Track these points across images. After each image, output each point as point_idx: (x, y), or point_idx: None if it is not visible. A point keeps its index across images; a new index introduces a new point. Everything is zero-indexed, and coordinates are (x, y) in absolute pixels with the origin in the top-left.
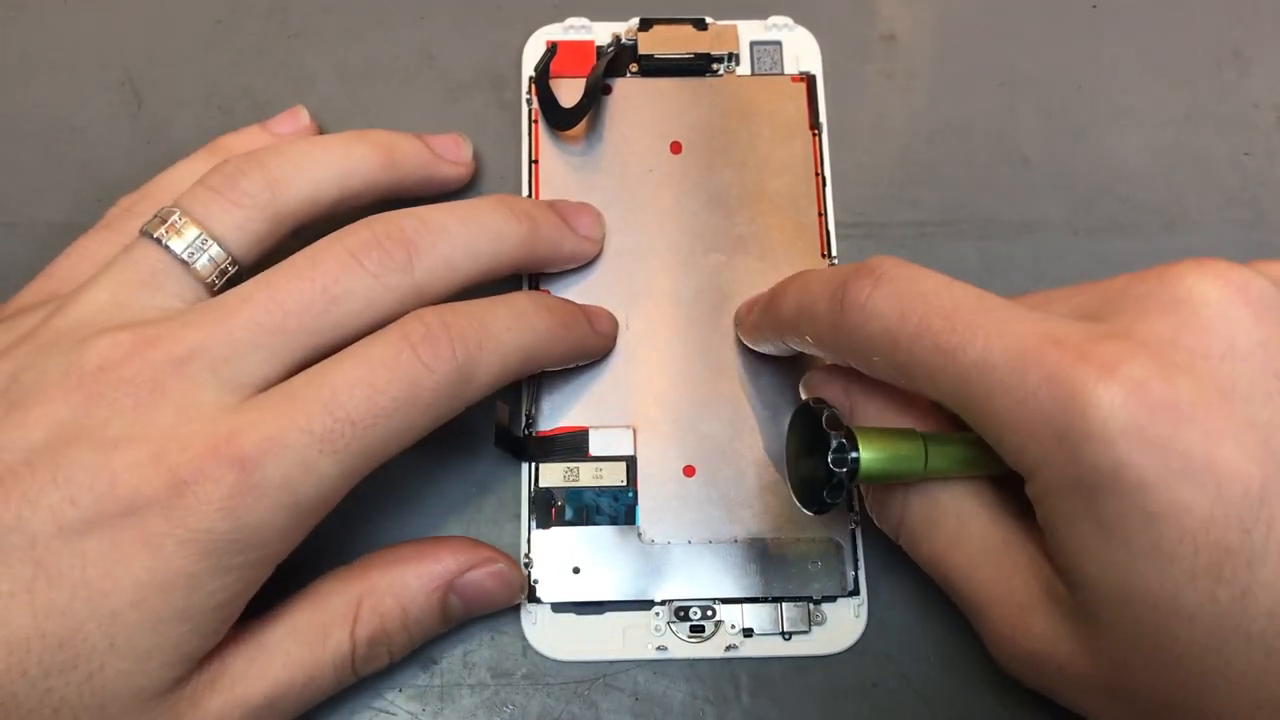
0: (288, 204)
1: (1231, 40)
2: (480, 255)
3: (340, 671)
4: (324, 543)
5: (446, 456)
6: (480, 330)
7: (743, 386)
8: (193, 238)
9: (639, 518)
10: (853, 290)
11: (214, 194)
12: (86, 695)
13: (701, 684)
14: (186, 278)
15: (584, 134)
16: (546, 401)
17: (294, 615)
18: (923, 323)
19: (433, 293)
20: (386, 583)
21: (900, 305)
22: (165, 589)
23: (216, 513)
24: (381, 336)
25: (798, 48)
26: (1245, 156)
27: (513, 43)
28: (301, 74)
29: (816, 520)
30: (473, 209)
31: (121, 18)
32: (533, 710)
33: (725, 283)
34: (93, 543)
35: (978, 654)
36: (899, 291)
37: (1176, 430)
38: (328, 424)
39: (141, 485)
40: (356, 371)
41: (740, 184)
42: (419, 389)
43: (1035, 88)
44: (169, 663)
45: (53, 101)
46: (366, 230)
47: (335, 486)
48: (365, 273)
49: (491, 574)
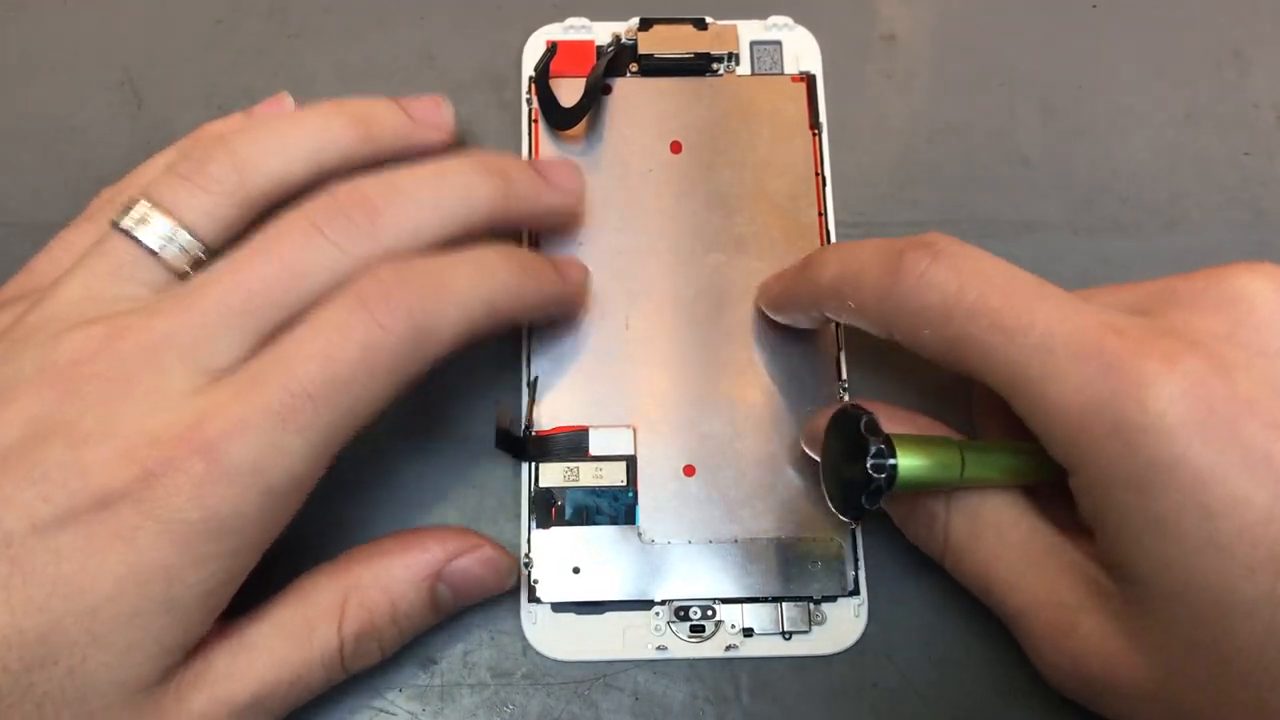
0: (257, 186)
1: (1231, 40)
2: (449, 214)
3: (329, 669)
4: (320, 542)
5: (446, 457)
6: (438, 282)
7: (756, 374)
8: (161, 227)
9: (639, 517)
10: (910, 260)
11: (181, 181)
12: (69, 689)
13: (701, 684)
14: (157, 267)
15: (584, 134)
16: (546, 401)
17: (279, 612)
18: (981, 300)
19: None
20: (372, 576)
21: (959, 280)
22: (142, 581)
23: (187, 501)
24: (336, 298)
25: (798, 48)
26: (1245, 156)
27: (513, 43)
28: (301, 74)
29: (817, 520)
30: (442, 168)
31: (121, 18)
32: (533, 710)
33: (725, 283)
34: (67, 538)
35: (978, 654)
36: (958, 266)
37: (1235, 425)
38: (287, 401)
39: (112, 479)
40: (313, 342)
41: (740, 184)
42: (376, 352)
43: (1035, 88)
44: (151, 655)
45: (53, 101)
46: (329, 197)
47: (307, 466)
48: (328, 243)
49: (480, 560)
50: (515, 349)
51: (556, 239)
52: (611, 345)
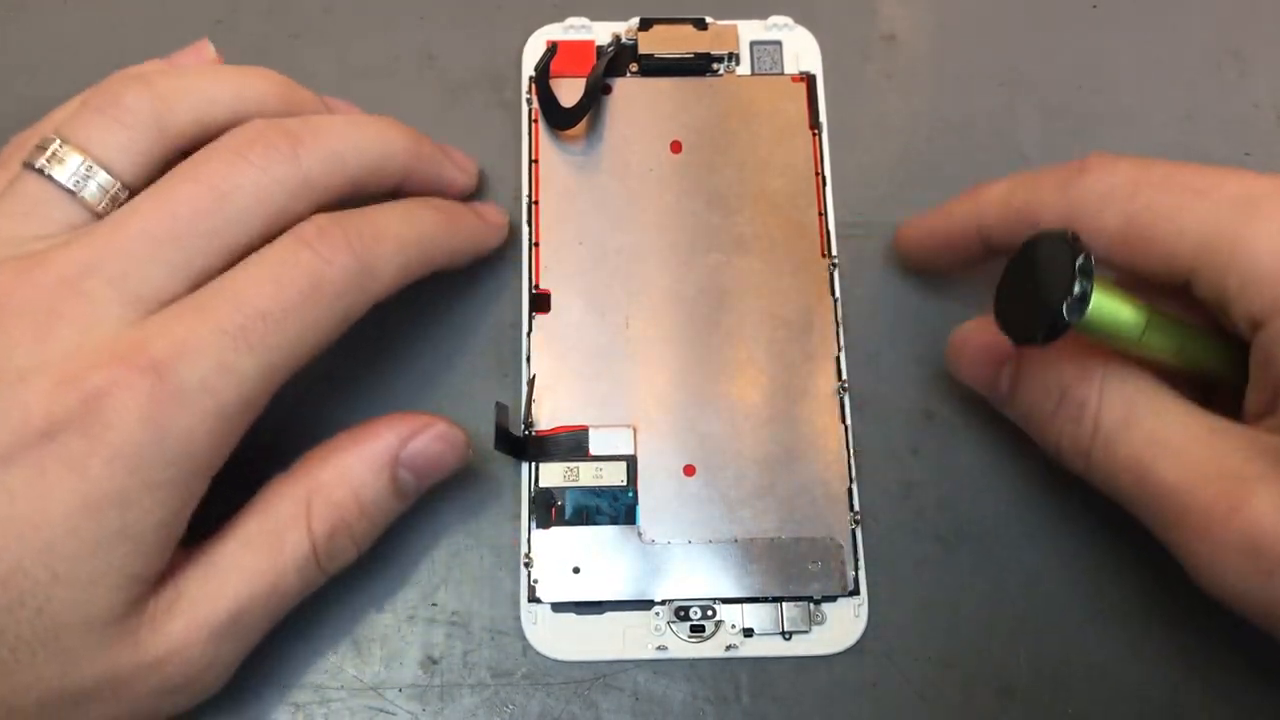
0: (175, 122)
1: (1231, 40)
2: (366, 153)
3: (305, 572)
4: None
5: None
6: (372, 226)
7: (756, 374)
8: (76, 165)
9: (639, 517)
10: (1092, 163)
11: (96, 113)
12: (40, 629)
13: (701, 684)
14: (73, 206)
15: (584, 134)
16: (547, 401)
17: (244, 527)
18: (1170, 170)
19: (321, 185)
20: (332, 474)
21: (1142, 163)
22: (96, 511)
23: (136, 423)
24: (277, 242)
25: (798, 48)
26: (1245, 156)
27: (513, 43)
28: (301, 74)
29: (817, 520)
30: (359, 117)
31: (121, 18)
32: (533, 710)
33: (725, 283)
34: (16, 475)
35: (977, 654)
36: (1139, 163)
37: None
38: (239, 321)
39: (54, 408)
40: (259, 271)
41: (740, 184)
42: (321, 280)
43: (1035, 88)
44: (116, 586)
45: (53, 101)
46: (250, 128)
47: (256, 388)
48: (251, 167)
49: (434, 437)
50: (515, 349)
51: (557, 239)
52: (611, 345)
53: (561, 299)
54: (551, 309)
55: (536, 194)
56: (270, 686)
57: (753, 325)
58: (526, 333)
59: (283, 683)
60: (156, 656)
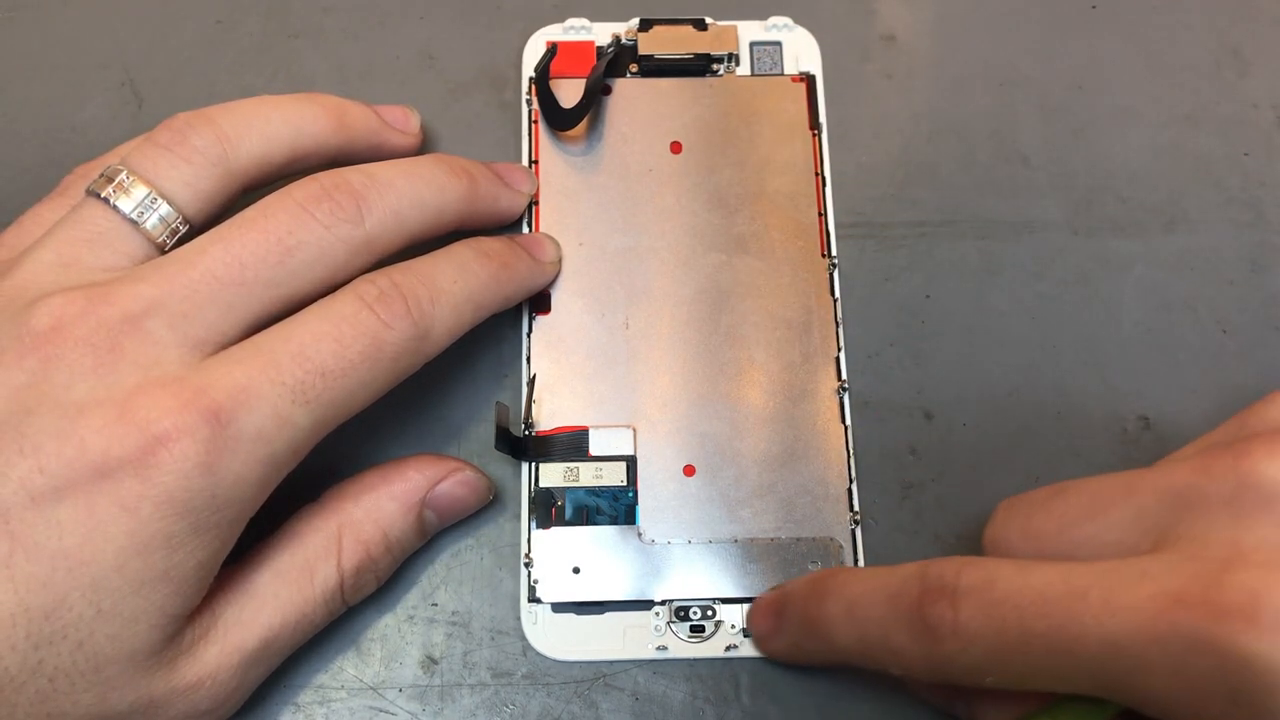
0: (239, 161)
1: (1231, 40)
2: (426, 207)
3: (331, 604)
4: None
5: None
6: (429, 287)
7: (756, 374)
8: (141, 196)
9: (639, 517)
10: (934, 617)
11: (163, 150)
12: (80, 662)
13: (701, 684)
14: (136, 237)
15: (584, 134)
16: (546, 401)
17: (277, 558)
18: (1025, 631)
19: (382, 243)
20: (363, 511)
21: (992, 621)
22: (145, 552)
23: (194, 469)
24: (338, 297)
25: (798, 48)
26: (1245, 156)
27: (513, 43)
28: (301, 74)
29: (817, 520)
30: (414, 164)
31: (121, 18)
32: (533, 710)
33: (725, 283)
34: (67, 511)
35: None
36: (983, 605)
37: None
38: (299, 375)
39: (111, 446)
40: (321, 326)
41: (740, 184)
42: (381, 343)
43: (1035, 88)
44: (156, 625)
45: (53, 101)
46: (315, 184)
47: (306, 438)
48: (317, 224)
49: (460, 482)
50: (515, 349)
51: (557, 239)
52: (611, 345)
53: (561, 299)
54: (552, 309)
55: (536, 194)
56: (270, 686)
57: (753, 325)
58: (526, 333)
59: (283, 683)
60: (189, 682)
